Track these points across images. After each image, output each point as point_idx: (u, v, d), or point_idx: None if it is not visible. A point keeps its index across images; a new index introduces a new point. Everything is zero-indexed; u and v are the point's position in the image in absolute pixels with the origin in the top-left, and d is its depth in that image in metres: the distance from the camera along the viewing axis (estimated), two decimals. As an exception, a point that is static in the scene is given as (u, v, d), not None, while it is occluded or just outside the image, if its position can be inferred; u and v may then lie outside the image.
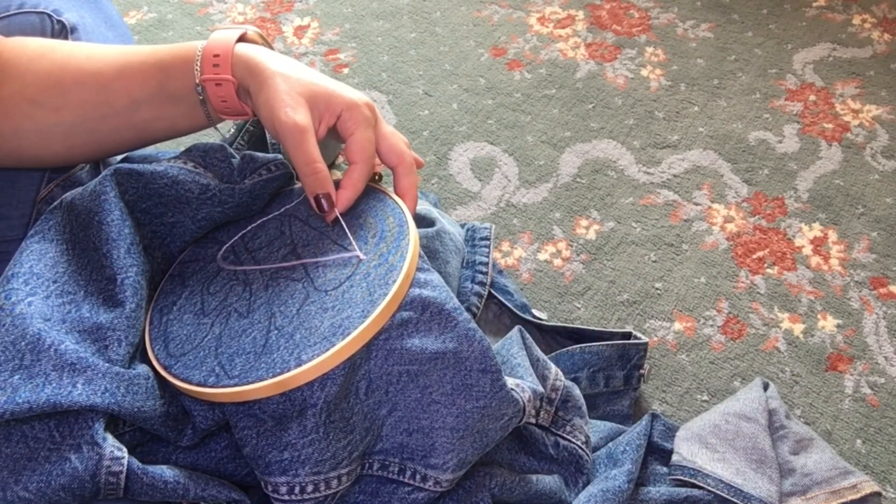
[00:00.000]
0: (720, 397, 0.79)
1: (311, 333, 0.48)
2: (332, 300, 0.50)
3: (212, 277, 0.56)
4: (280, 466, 0.47)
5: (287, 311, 0.51)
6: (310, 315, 0.50)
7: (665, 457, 0.69)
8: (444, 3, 1.22)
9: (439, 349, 0.51)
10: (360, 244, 0.54)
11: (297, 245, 0.56)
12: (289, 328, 0.49)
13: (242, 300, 0.53)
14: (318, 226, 0.56)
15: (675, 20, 1.19)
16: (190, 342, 0.51)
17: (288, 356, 0.47)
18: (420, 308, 0.51)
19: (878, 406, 0.78)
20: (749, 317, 0.85)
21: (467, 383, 0.52)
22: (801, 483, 0.65)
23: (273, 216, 0.59)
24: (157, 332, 0.53)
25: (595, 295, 0.87)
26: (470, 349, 0.52)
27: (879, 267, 0.89)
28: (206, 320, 0.52)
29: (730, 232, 0.93)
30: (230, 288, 0.54)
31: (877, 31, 1.16)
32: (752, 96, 1.08)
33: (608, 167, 0.99)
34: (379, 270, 0.51)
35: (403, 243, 0.53)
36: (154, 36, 1.17)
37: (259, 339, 0.49)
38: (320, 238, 0.55)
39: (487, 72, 1.12)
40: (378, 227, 0.55)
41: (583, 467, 0.63)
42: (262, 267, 0.56)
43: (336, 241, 0.55)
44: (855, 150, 1.01)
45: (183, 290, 0.56)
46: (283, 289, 0.53)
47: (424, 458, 0.51)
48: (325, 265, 0.53)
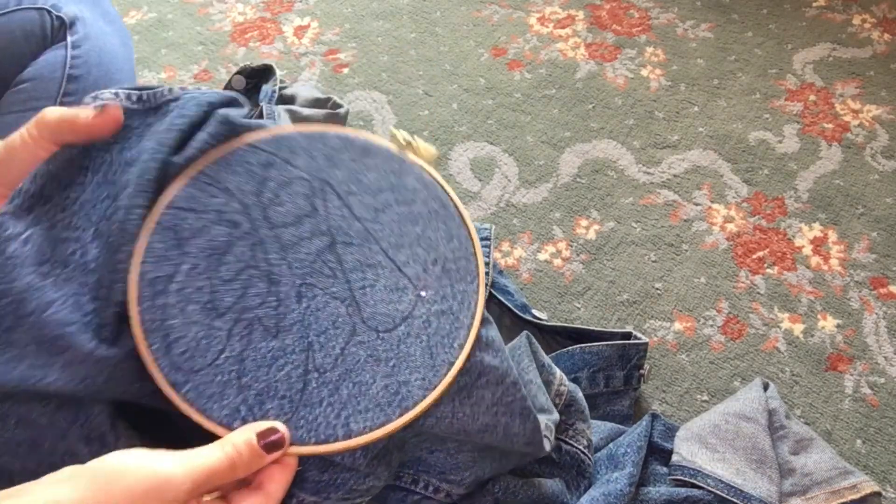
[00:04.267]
0: (720, 397, 0.79)
1: (360, 392, 0.41)
2: (384, 348, 0.43)
3: (222, 251, 0.43)
4: (315, 486, 0.42)
5: (329, 345, 0.42)
6: (358, 362, 0.42)
7: (665, 457, 0.69)
8: (444, 3, 1.22)
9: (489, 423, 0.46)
10: (418, 269, 0.45)
11: (337, 239, 0.45)
12: (332, 375, 0.42)
13: (268, 307, 0.43)
14: (363, 215, 0.46)
15: (675, 20, 1.19)
16: (201, 353, 0.41)
17: (334, 419, 0.41)
18: (477, 374, 0.45)
19: (878, 406, 0.78)
20: (749, 317, 0.85)
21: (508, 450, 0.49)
22: (801, 483, 0.65)
23: (300, 175, 0.46)
24: (151, 317, 0.41)
25: (595, 295, 0.87)
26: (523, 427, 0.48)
27: (879, 267, 0.89)
28: (219, 324, 0.42)
29: (730, 232, 0.93)
30: (248, 280, 0.43)
31: (877, 31, 1.16)
32: (752, 96, 1.08)
33: (608, 167, 0.99)
34: (442, 323, 0.44)
35: (471, 290, 0.45)
36: (154, 36, 1.17)
37: (295, 379, 0.41)
38: (366, 239, 0.45)
39: (487, 72, 1.12)
40: (441, 249, 0.46)
41: (584, 471, 0.63)
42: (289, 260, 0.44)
43: (387, 253, 0.45)
44: (855, 150, 1.01)
45: (182, 257, 0.42)
46: (321, 307, 0.43)
47: (442, 473, 0.49)
48: (373, 287, 0.44)
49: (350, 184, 0.46)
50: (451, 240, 0.46)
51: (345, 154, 0.47)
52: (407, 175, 0.47)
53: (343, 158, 0.47)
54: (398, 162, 0.47)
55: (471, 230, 0.46)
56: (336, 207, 0.45)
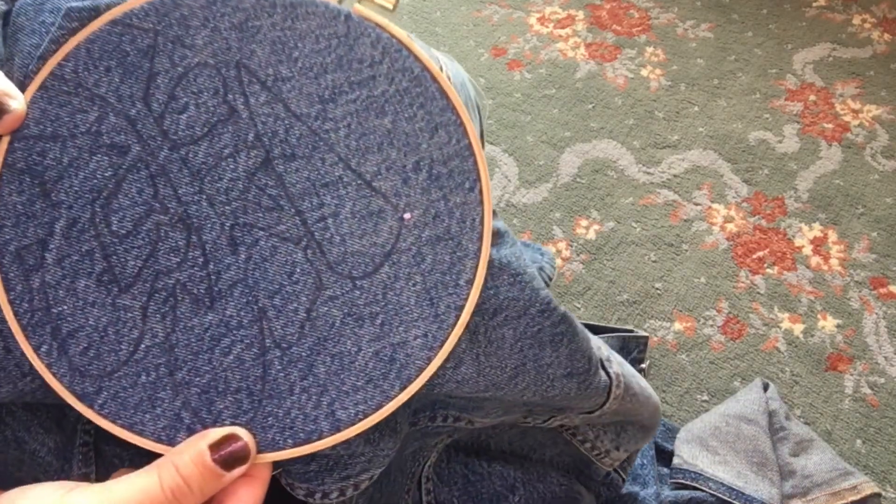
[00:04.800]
0: (720, 397, 0.79)
1: (343, 367, 0.31)
2: (365, 301, 0.31)
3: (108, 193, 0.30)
4: (303, 476, 0.33)
5: (289, 309, 0.30)
6: (332, 326, 0.31)
7: (666, 457, 0.69)
8: (444, 3, 1.22)
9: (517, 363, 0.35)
10: (396, 181, 0.31)
11: (273, 151, 0.31)
12: (300, 349, 0.30)
13: (191, 265, 0.30)
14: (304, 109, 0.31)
15: (675, 20, 1.19)
16: (111, 348, 0.30)
17: (313, 409, 0.30)
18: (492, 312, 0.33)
19: (878, 406, 0.79)
20: (749, 317, 0.85)
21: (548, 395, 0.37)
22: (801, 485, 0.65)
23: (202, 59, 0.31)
24: (28, 306, 0.29)
25: (595, 295, 0.87)
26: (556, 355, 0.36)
27: (879, 267, 0.89)
28: (128, 301, 0.30)
29: (730, 232, 0.93)
30: (156, 231, 0.30)
31: (877, 31, 1.16)
32: (752, 96, 1.08)
33: (608, 167, 0.99)
34: (439, 254, 0.31)
35: (472, 200, 0.32)
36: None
37: (250, 362, 0.30)
38: (314, 144, 0.31)
39: (487, 72, 1.11)
40: (423, 146, 0.32)
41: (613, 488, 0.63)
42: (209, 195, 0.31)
43: (347, 162, 0.31)
44: (855, 150, 1.01)
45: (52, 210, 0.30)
46: (266, 255, 0.31)
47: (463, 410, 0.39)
48: (335, 215, 0.31)
49: (278, 64, 0.31)
50: (436, 130, 0.32)
51: (264, 19, 0.32)
52: (359, 40, 0.32)
53: (262, 26, 0.32)
54: (343, 21, 0.32)
55: (460, 113, 0.32)
56: (264, 104, 0.31)
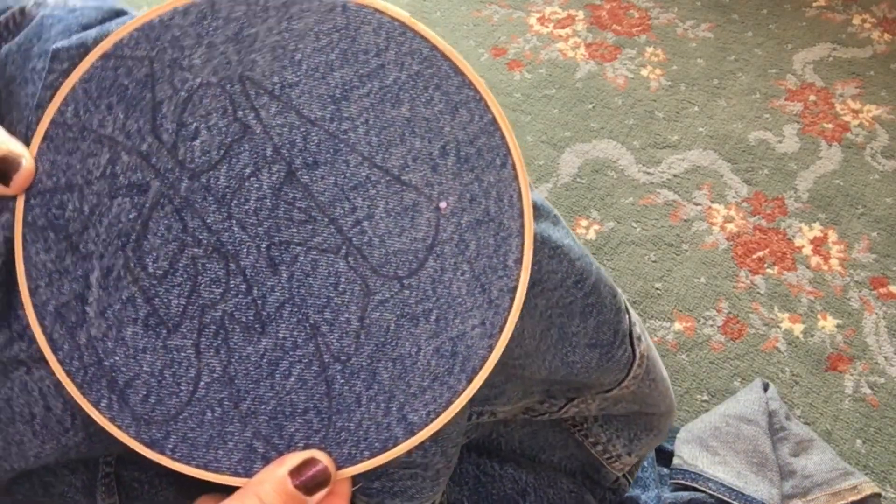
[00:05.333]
0: (720, 397, 0.79)
1: (406, 370, 0.30)
2: (416, 298, 0.30)
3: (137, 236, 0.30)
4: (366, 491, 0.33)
5: (340, 321, 0.30)
6: (387, 330, 0.30)
7: (665, 457, 0.70)
8: (444, 3, 1.22)
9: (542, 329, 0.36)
10: (425, 171, 0.30)
11: (294, 162, 0.30)
12: (360, 359, 0.30)
13: (235, 294, 0.30)
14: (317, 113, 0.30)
15: (675, 20, 1.19)
16: (171, 391, 0.30)
17: (382, 416, 0.30)
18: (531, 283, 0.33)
19: (878, 406, 0.79)
20: (749, 317, 0.85)
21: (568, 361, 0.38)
22: (801, 485, 0.65)
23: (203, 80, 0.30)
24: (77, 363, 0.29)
25: (595, 295, 0.87)
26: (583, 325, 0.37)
27: (879, 267, 0.89)
28: (177, 341, 0.30)
29: (730, 232, 0.93)
30: (192, 265, 0.30)
31: (877, 31, 1.16)
32: (752, 96, 1.08)
33: (608, 167, 0.99)
34: (482, 237, 0.31)
35: (507, 176, 0.32)
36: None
37: (312, 381, 0.30)
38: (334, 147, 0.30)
39: (487, 72, 1.11)
40: (446, 129, 0.30)
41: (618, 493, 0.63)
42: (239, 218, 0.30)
43: (372, 159, 0.30)
44: (855, 150, 1.01)
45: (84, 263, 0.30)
46: (308, 270, 0.30)
47: (486, 401, 0.39)
48: (370, 217, 0.30)
49: (283, 71, 0.30)
50: (457, 110, 0.30)
51: (258, 25, 0.30)
52: (361, 30, 0.30)
53: (257, 33, 0.30)
54: (340, 12, 0.30)
55: (479, 87, 0.31)
56: (276, 114, 0.30)
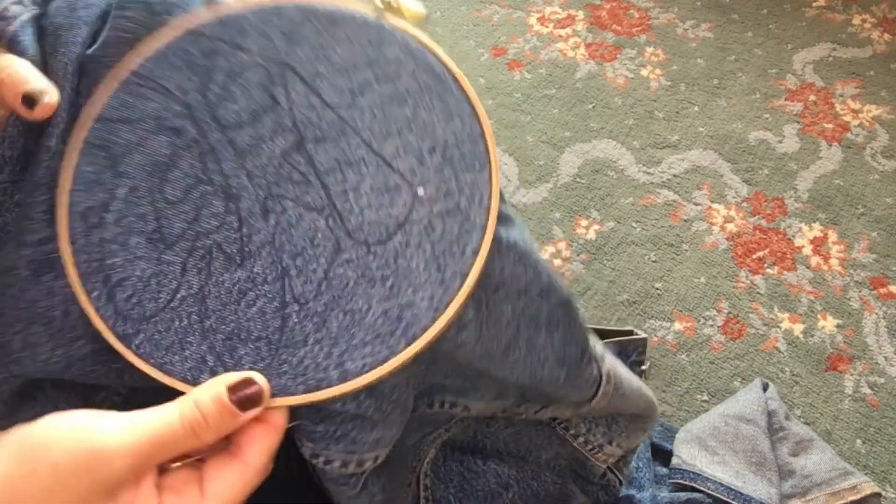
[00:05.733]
0: (720, 397, 0.79)
1: (354, 323, 0.34)
2: (379, 264, 0.35)
3: (165, 167, 0.36)
4: (311, 435, 0.36)
5: (308, 269, 0.35)
6: (347, 286, 0.35)
7: (664, 458, 0.69)
8: (444, 3, 1.22)
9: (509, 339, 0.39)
10: (412, 161, 0.36)
11: (306, 135, 0.36)
12: (316, 305, 0.35)
13: (228, 229, 0.35)
14: (336, 101, 0.37)
15: (675, 20, 1.19)
16: (152, 295, 0.34)
17: (324, 359, 0.34)
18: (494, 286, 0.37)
19: (878, 406, 0.79)
20: (749, 317, 0.85)
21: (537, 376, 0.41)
22: (800, 485, 0.65)
23: (253, 60, 0.37)
24: (87, 258, 0.35)
25: (595, 295, 0.87)
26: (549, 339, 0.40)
27: (879, 267, 0.89)
28: (170, 256, 0.35)
29: (730, 232, 0.93)
30: (201, 198, 0.35)
31: (877, 31, 1.16)
32: (752, 96, 1.08)
33: (608, 167, 0.99)
34: (449, 225, 0.35)
35: (482, 180, 0.36)
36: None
37: (271, 314, 0.34)
38: (342, 130, 0.36)
39: (487, 72, 1.11)
40: (438, 132, 0.37)
41: (610, 491, 0.63)
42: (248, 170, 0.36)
43: (371, 145, 0.36)
44: (855, 150, 1.01)
45: (117, 179, 0.35)
46: (293, 222, 0.35)
47: (460, 393, 0.42)
48: (356, 189, 0.36)
49: (317, 64, 0.37)
50: (451, 119, 0.37)
51: (307, 27, 0.38)
52: (388, 44, 0.38)
53: (306, 34, 0.38)
54: (376, 29, 0.38)
55: (475, 105, 0.37)
56: (301, 95, 0.37)
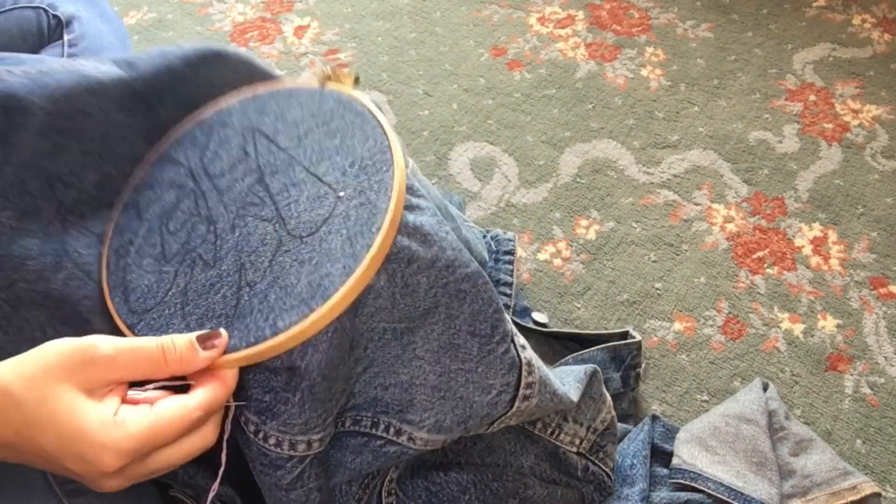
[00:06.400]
0: (720, 397, 0.79)
1: (286, 294, 0.43)
2: (308, 250, 0.45)
3: (170, 210, 0.49)
4: (257, 406, 0.44)
5: (258, 261, 0.45)
6: (284, 269, 0.44)
7: (665, 458, 0.69)
8: (444, 3, 1.22)
9: (429, 306, 0.47)
10: (337, 175, 0.47)
11: (265, 172, 0.49)
12: (262, 285, 0.44)
13: (207, 243, 0.47)
14: (288, 145, 0.50)
15: (675, 20, 1.19)
16: (153, 296, 0.46)
17: (262, 322, 0.43)
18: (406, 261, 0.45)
19: (878, 406, 0.79)
20: (749, 317, 0.85)
21: (454, 343, 0.48)
22: (801, 485, 0.65)
23: (234, 130, 0.52)
24: (115, 280, 0.47)
25: (595, 295, 0.87)
26: (461, 308, 0.48)
27: (879, 267, 0.89)
28: (168, 268, 0.47)
29: (730, 232, 0.93)
30: (192, 226, 0.48)
31: (877, 31, 1.16)
32: (752, 96, 1.08)
33: (608, 167, 0.99)
34: (360, 213, 0.45)
35: (387, 177, 0.46)
36: (154, 36, 1.17)
37: (230, 297, 0.45)
38: (290, 164, 0.49)
39: (487, 72, 1.11)
40: (357, 151, 0.48)
41: (604, 490, 0.64)
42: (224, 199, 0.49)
43: (308, 169, 0.48)
44: (855, 150, 1.01)
45: (140, 225, 0.49)
46: (251, 231, 0.47)
47: (400, 412, 0.49)
48: (296, 201, 0.47)
49: (277, 124, 0.51)
50: (367, 140, 0.48)
51: (273, 103, 0.53)
52: (326, 101, 0.52)
53: (271, 107, 0.52)
54: (318, 94, 0.52)
55: (385, 127, 0.49)
56: (264, 147, 0.50)
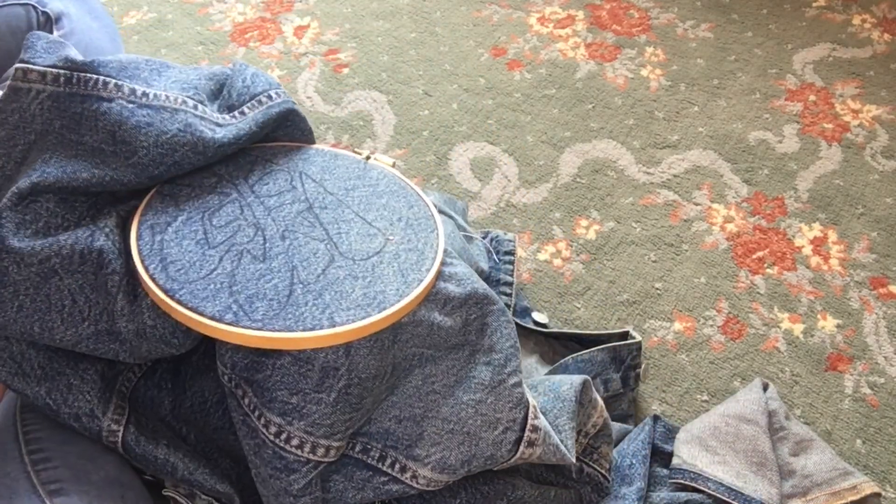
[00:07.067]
0: (720, 397, 0.79)
1: (342, 297, 0.47)
2: (361, 270, 0.50)
3: (215, 208, 0.52)
4: (283, 408, 0.46)
5: (311, 268, 0.49)
6: (338, 279, 0.49)
7: (666, 459, 0.69)
8: (444, 3, 1.22)
9: (458, 342, 0.52)
10: (385, 224, 0.54)
11: (315, 205, 0.54)
12: (315, 286, 0.48)
13: (255, 243, 0.50)
14: (335, 191, 0.55)
15: (675, 20, 1.19)
16: (195, 270, 0.48)
17: (319, 314, 0.46)
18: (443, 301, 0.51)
19: (878, 406, 0.79)
20: (749, 317, 0.85)
21: (469, 375, 0.52)
22: (801, 485, 0.65)
23: (280, 168, 0.57)
24: (149, 249, 0.48)
25: (595, 295, 0.87)
26: (481, 342, 0.53)
27: (879, 267, 0.89)
28: (212, 253, 0.49)
29: (730, 232, 0.93)
30: (238, 227, 0.51)
31: (877, 31, 1.16)
32: (752, 96, 1.08)
33: (608, 167, 0.99)
34: (410, 256, 0.52)
35: (433, 236, 0.54)
36: (154, 36, 1.17)
37: (282, 288, 0.47)
38: (339, 204, 0.54)
39: (487, 72, 1.11)
40: (403, 212, 0.55)
41: (601, 490, 0.64)
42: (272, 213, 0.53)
43: (359, 214, 0.54)
44: (855, 150, 1.01)
45: (178, 212, 0.51)
46: (302, 244, 0.51)
47: (409, 447, 0.51)
48: (347, 233, 0.52)
49: (323, 174, 0.57)
50: (412, 207, 0.56)
51: (318, 157, 0.59)
52: (371, 170, 0.59)
53: (317, 159, 0.59)
54: (363, 164, 0.59)
55: (427, 201, 0.57)
56: (312, 187, 0.56)
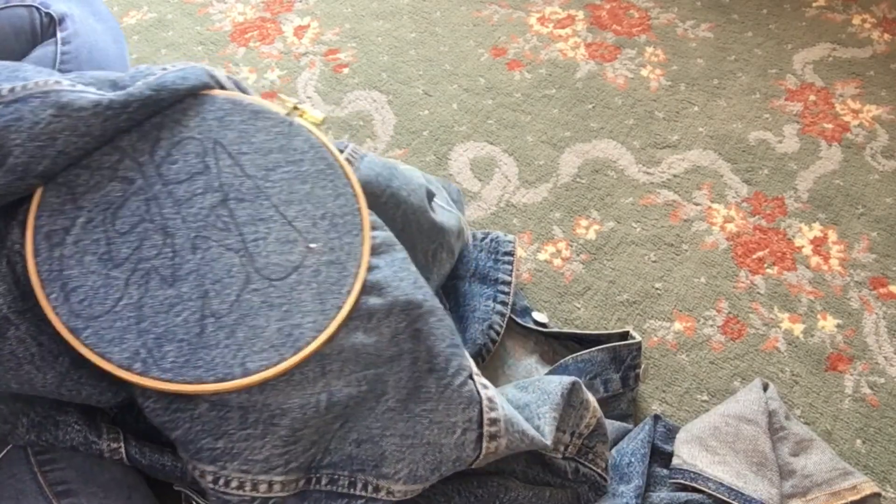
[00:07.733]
0: (720, 397, 0.79)
1: (255, 335, 0.44)
2: (278, 294, 0.46)
3: (117, 205, 0.46)
4: (211, 455, 0.44)
5: (224, 293, 0.45)
6: (253, 308, 0.45)
7: (666, 459, 0.69)
8: (444, 3, 1.22)
9: (393, 353, 0.49)
10: (307, 223, 0.48)
11: (229, 196, 0.48)
12: (228, 319, 0.44)
13: (163, 257, 0.45)
14: (254, 174, 0.48)
15: (675, 20, 1.19)
16: (100, 301, 0.43)
17: (231, 359, 0.43)
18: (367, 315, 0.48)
19: (878, 406, 0.79)
20: (749, 317, 0.85)
21: (418, 385, 0.50)
22: (801, 485, 0.65)
23: (192, 135, 0.49)
24: (48, 269, 0.43)
25: (595, 295, 0.87)
26: (419, 347, 0.50)
27: (879, 267, 0.89)
28: (117, 274, 0.44)
29: (730, 232, 0.93)
30: (144, 233, 0.45)
31: (877, 31, 1.16)
32: (752, 96, 1.08)
33: (608, 167, 0.99)
34: (330, 271, 0.47)
35: (357, 242, 0.48)
36: (154, 36, 1.17)
37: (192, 323, 0.44)
38: (257, 194, 0.48)
39: (487, 72, 1.11)
40: (328, 205, 0.49)
41: (598, 489, 0.63)
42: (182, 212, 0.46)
43: (278, 208, 0.48)
44: (855, 150, 1.01)
45: (77, 212, 0.45)
46: (215, 257, 0.46)
47: (375, 467, 0.49)
48: (265, 239, 0.47)
49: (241, 144, 0.49)
50: (338, 197, 0.50)
51: (235, 116, 0.51)
52: (295, 137, 0.51)
53: (233, 120, 0.50)
54: (287, 125, 0.51)
55: (355, 187, 0.50)
56: (227, 166, 0.48)
